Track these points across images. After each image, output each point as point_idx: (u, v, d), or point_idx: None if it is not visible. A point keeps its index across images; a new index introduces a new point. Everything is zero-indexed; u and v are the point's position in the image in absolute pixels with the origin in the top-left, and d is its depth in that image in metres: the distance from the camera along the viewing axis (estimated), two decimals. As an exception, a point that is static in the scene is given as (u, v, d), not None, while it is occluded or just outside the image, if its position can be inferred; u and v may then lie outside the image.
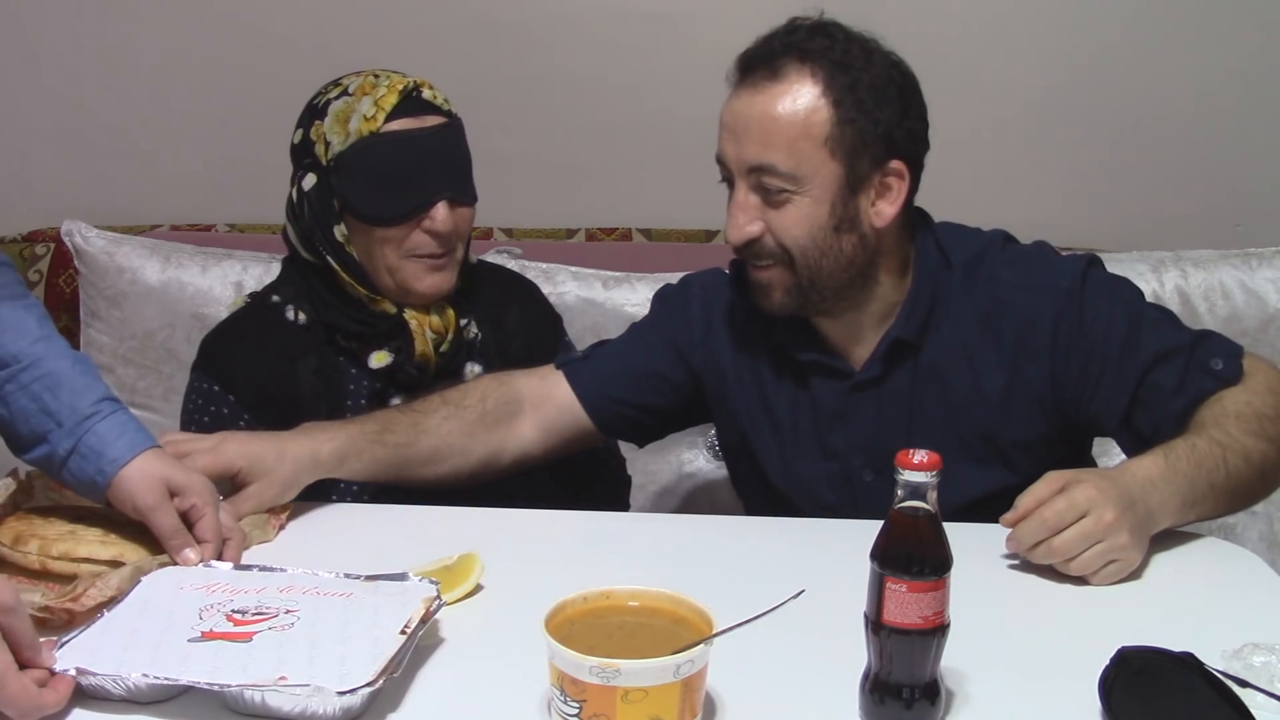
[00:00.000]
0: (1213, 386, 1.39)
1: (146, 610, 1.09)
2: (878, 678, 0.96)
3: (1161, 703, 0.93)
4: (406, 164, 1.56)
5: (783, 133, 1.39)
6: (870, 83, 1.40)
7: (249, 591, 1.13)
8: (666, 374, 1.63)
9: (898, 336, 1.48)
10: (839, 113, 1.39)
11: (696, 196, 2.48)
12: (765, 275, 1.46)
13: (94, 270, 2.23)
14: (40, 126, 2.54)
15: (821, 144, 1.39)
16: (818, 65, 1.39)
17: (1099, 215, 2.41)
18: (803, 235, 1.42)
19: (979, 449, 1.47)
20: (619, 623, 0.98)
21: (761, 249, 1.44)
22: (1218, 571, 1.28)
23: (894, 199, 1.44)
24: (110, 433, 1.22)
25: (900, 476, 0.95)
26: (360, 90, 1.58)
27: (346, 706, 0.95)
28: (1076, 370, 1.44)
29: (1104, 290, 1.46)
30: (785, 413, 1.56)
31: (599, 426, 1.62)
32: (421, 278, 1.61)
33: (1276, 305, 2.09)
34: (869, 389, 1.51)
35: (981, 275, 1.49)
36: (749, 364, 1.58)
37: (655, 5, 2.42)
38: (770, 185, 1.41)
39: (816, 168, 1.40)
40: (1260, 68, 2.40)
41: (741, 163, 1.42)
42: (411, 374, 1.63)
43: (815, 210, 1.41)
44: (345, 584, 1.15)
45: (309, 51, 2.31)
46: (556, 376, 1.61)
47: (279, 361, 1.62)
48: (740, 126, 1.42)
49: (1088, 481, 1.22)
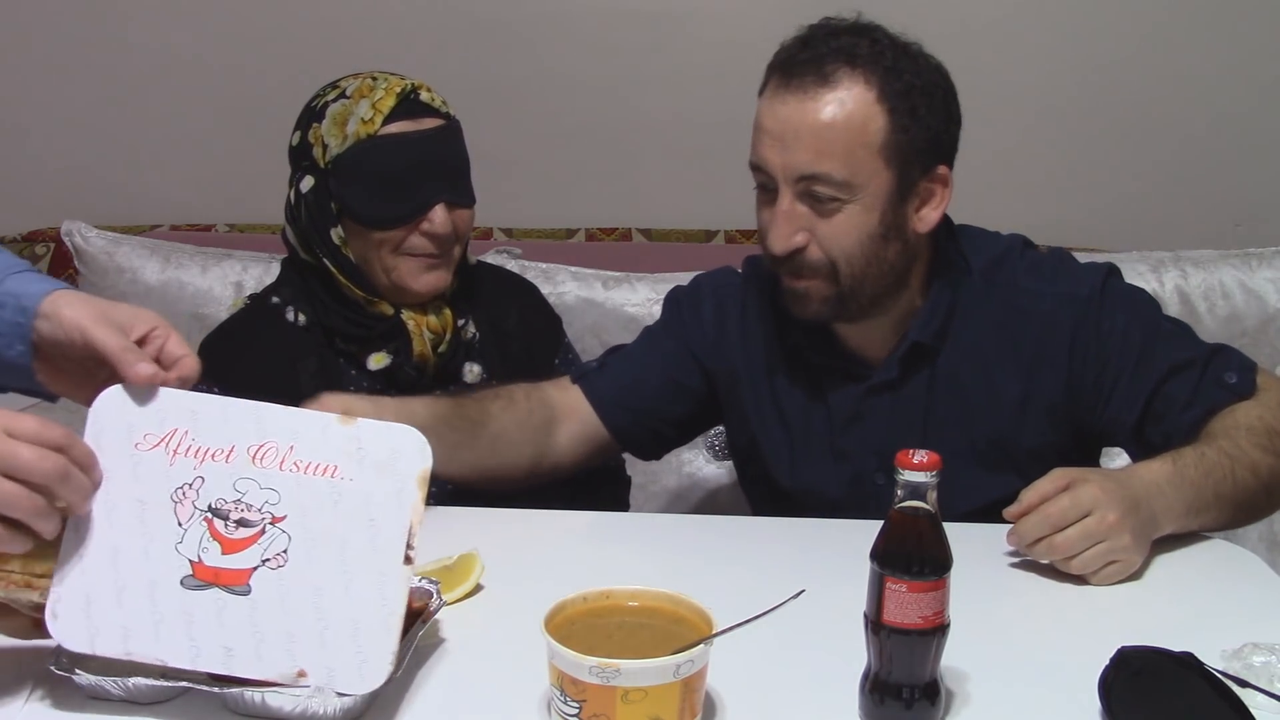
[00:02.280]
0: (1225, 399, 1.39)
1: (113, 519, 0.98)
2: (878, 678, 0.96)
3: (1161, 703, 0.93)
4: (404, 167, 1.56)
5: (839, 141, 1.36)
6: (921, 89, 1.39)
7: (217, 458, 0.99)
8: (683, 381, 1.61)
9: (917, 340, 1.47)
10: (893, 120, 1.37)
11: (696, 196, 2.50)
12: (804, 285, 1.43)
13: (94, 270, 2.23)
14: (40, 126, 2.54)
15: (877, 152, 1.37)
16: (870, 71, 1.37)
17: (1099, 215, 2.41)
18: (851, 244, 1.39)
19: (991, 456, 1.47)
20: (619, 623, 0.98)
21: (804, 261, 1.41)
22: (1218, 571, 1.27)
23: (937, 204, 1.44)
24: (31, 280, 1.05)
25: (900, 476, 0.94)
26: (358, 93, 1.58)
27: (347, 707, 0.95)
28: (1091, 379, 1.44)
29: (1122, 300, 1.46)
30: (797, 414, 1.55)
31: (617, 440, 1.61)
32: (417, 276, 1.60)
33: (1276, 305, 2.09)
34: (885, 392, 1.50)
35: (1000, 281, 1.48)
36: (762, 364, 1.57)
37: (655, 5, 2.42)
38: (821, 194, 1.38)
39: (870, 176, 1.37)
40: (1260, 68, 2.40)
41: (790, 171, 1.38)
42: (410, 374, 1.63)
43: (866, 219, 1.39)
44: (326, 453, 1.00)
45: (309, 52, 2.32)
46: (575, 390, 1.60)
47: (279, 363, 1.62)
48: (789, 134, 1.37)
49: (1093, 481, 1.22)
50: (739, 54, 2.43)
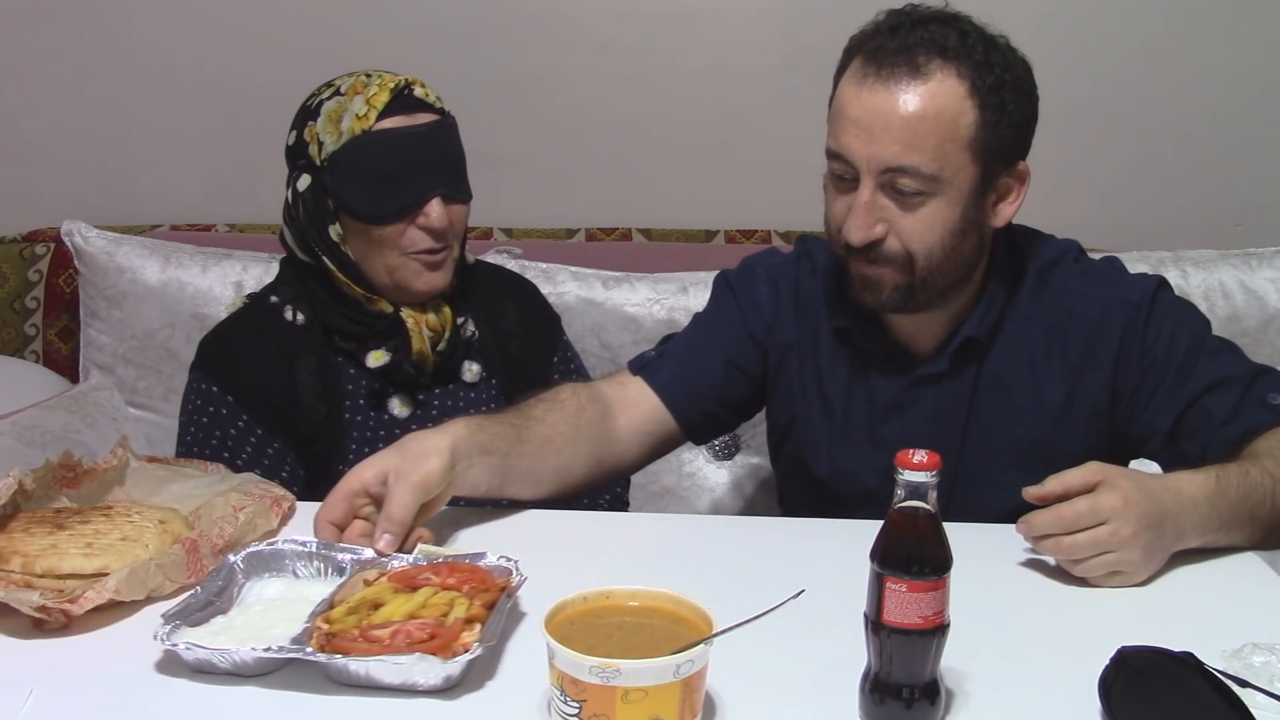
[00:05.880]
0: (1268, 420, 1.37)
1: None
2: (878, 678, 0.96)
3: (1161, 703, 0.93)
4: (399, 161, 1.56)
5: (931, 134, 1.34)
6: (1010, 83, 1.38)
7: None
8: (742, 363, 1.60)
9: (970, 335, 1.47)
10: (984, 115, 1.36)
11: (696, 196, 2.50)
12: (876, 272, 1.41)
13: (94, 270, 2.23)
14: (40, 126, 2.54)
15: (966, 146, 1.36)
16: (963, 64, 1.35)
17: (1099, 215, 2.40)
18: (932, 238, 1.38)
19: (1031, 458, 1.45)
20: (619, 623, 0.98)
21: (882, 251, 1.40)
22: (1218, 571, 1.27)
23: (1015, 199, 1.44)
24: None
25: (900, 476, 0.95)
26: (352, 90, 1.58)
27: (449, 675, 0.98)
28: (1133, 384, 1.44)
29: (1172, 311, 1.46)
30: (839, 398, 1.55)
31: (682, 428, 1.58)
32: (419, 276, 1.61)
33: (1276, 305, 2.09)
34: (931, 384, 1.50)
35: (1053, 284, 1.48)
36: (810, 345, 1.57)
37: (655, 5, 2.42)
38: (906, 187, 1.36)
39: (957, 170, 1.36)
40: (1260, 68, 2.40)
41: (876, 162, 1.36)
42: (409, 373, 1.63)
43: (949, 213, 1.38)
44: None
45: (309, 51, 2.32)
46: (637, 381, 1.57)
47: (277, 362, 1.62)
48: (878, 125, 1.34)
49: (1121, 488, 1.20)
50: (739, 54, 2.45)
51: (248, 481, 1.43)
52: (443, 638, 1.01)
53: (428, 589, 1.09)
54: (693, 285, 2.19)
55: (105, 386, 2.20)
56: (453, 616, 1.04)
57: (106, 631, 1.12)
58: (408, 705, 0.99)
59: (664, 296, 2.18)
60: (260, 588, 1.17)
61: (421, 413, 1.66)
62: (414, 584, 1.11)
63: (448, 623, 1.03)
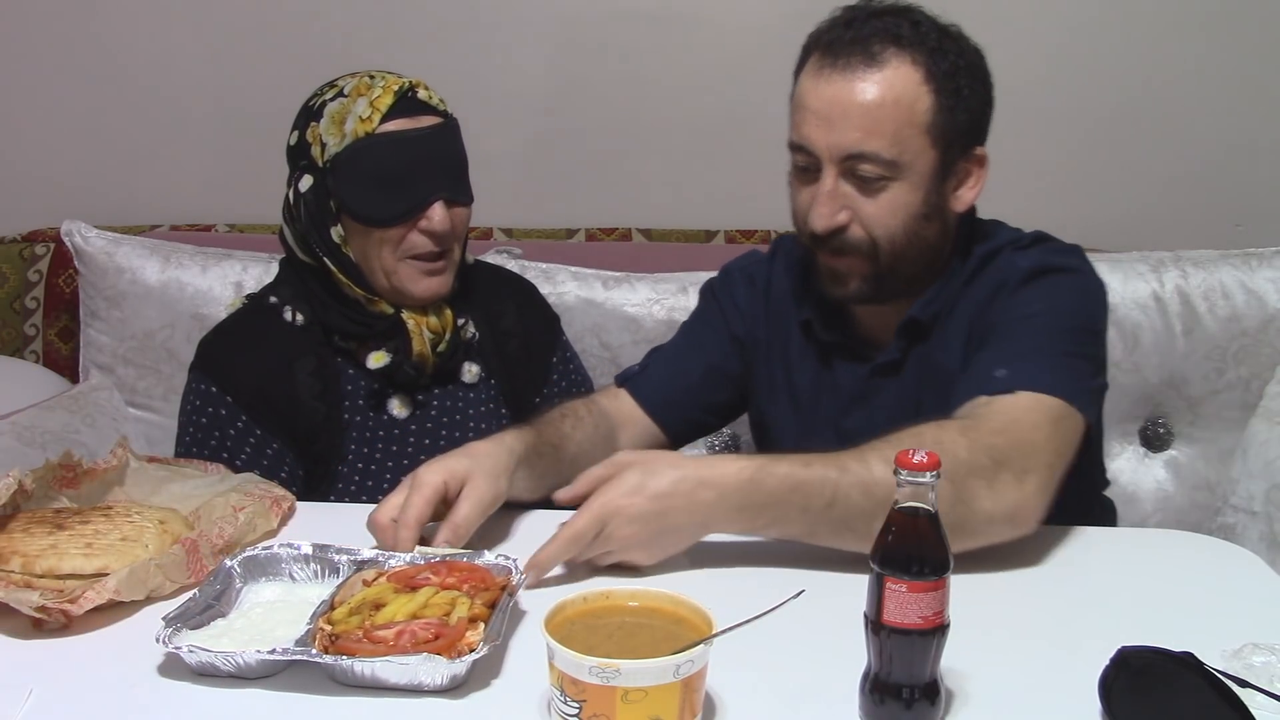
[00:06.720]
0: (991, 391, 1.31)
1: None
2: (878, 678, 0.96)
3: (1161, 703, 0.93)
4: (402, 164, 1.56)
5: (888, 120, 1.37)
6: (965, 69, 1.41)
7: None
8: (723, 366, 1.63)
9: (913, 316, 1.48)
10: (940, 100, 1.39)
11: (696, 196, 2.50)
12: (843, 264, 1.44)
13: (94, 270, 2.23)
14: (40, 126, 2.54)
15: (924, 131, 1.39)
16: (917, 51, 1.38)
17: (1099, 215, 2.40)
18: (895, 223, 1.41)
19: None
20: (619, 623, 0.98)
21: (845, 239, 1.42)
22: (1218, 571, 1.28)
23: (974, 184, 1.46)
24: None
25: (900, 476, 0.94)
26: (355, 91, 1.58)
27: (454, 675, 0.98)
28: (974, 349, 1.42)
29: (1045, 292, 1.41)
30: (807, 390, 1.57)
31: (671, 440, 1.62)
32: (418, 281, 1.60)
33: (1276, 305, 2.08)
34: (889, 374, 1.51)
35: (990, 268, 1.48)
36: (780, 340, 1.59)
37: (655, 5, 2.42)
38: (867, 173, 1.39)
39: (916, 155, 1.39)
40: (1260, 68, 2.40)
41: (836, 150, 1.39)
42: (409, 374, 1.63)
43: (910, 198, 1.40)
44: None
45: (309, 52, 2.32)
46: (624, 395, 1.61)
47: (277, 362, 1.62)
48: (837, 113, 1.38)
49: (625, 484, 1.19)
50: (739, 54, 2.45)
51: (248, 482, 1.43)
52: (448, 637, 1.01)
53: (429, 589, 1.09)
54: (693, 285, 2.18)
55: (105, 386, 2.20)
56: (456, 616, 1.04)
57: (106, 632, 1.12)
58: (411, 705, 0.99)
59: (664, 297, 2.17)
60: (258, 591, 1.17)
61: (421, 413, 1.66)
62: (414, 584, 1.11)
63: (451, 622, 1.03)
